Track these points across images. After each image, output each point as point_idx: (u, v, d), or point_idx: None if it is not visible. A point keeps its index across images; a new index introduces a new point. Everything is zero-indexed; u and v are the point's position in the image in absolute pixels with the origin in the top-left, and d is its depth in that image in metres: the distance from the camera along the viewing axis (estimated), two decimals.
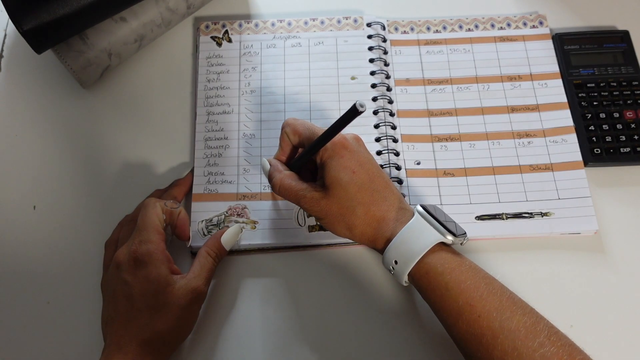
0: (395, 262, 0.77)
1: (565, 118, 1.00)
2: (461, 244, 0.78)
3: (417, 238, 0.76)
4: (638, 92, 1.02)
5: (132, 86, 1.06)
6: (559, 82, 1.04)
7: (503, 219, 0.93)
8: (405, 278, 0.78)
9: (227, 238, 0.88)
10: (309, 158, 0.84)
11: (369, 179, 0.80)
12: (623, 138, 0.99)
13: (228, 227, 0.91)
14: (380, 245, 0.81)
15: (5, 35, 1.11)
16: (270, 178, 0.85)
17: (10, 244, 0.94)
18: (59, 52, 0.95)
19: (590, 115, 1.00)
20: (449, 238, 0.75)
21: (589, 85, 1.03)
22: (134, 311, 0.77)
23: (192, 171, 0.97)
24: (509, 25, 1.08)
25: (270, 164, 0.87)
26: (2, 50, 1.09)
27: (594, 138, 0.99)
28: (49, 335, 0.88)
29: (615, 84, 1.03)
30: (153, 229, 0.82)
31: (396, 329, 0.88)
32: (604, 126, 1.00)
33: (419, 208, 0.79)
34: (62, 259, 0.93)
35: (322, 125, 0.84)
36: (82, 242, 0.94)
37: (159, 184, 0.97)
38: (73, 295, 0.90)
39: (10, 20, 0.86)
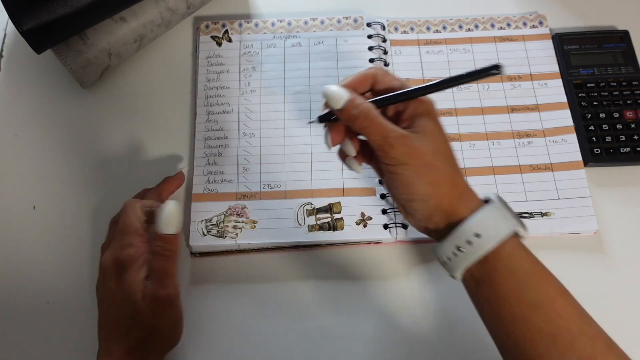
0: (468, 243, 0.68)
1: (565, 118, 1.01)
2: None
3: (498, 221, 0.69)
4: (638, 92, 1.02)
5: (132, 86, 1.06)
6: (559, 82, 1.04)
7: None
8: (471, 262, 0.69)
9: (168, 224, 0.78)
10: (400, 101, 0.74)
11: (453, 155, 0.73)
12: (623, 138, 0.99)
13: (226, 226, 0.92)
14: (444, 222, 0.71)
15: (5, 35, 1.11)
16: (352, 105, 0.70)
17: (10, 244, 0.94)
18: (59, 52, 0.95)
19: (590, 115, 1.00)
20: (523, 231, 0.70)
21: (588, 85, 1.03)
22: (119, 317, 0.77)
23: (184, 171, 0.97)
24: (508, 25, 1.09)
25: (347, 91, 0.72)
26: (2, 50, 1.09)
27: (593, 138, 0.99)
28: (49, 335, 0.88)
29: (615, 84, 1.03)
30: (134, 231, 0.79)
31: (396, 327, 0.88)
32: (603, 126, 1.00)
33: (494, 196, 0.73)
34: (62, 259, 0.93)
35: None
36: (82, 242, 0.94)
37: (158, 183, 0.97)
38: (73, 295, 0.90)
39: (10, 20, 0.86)
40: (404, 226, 0.92)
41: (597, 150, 0.98)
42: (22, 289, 0.91)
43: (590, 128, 1.00)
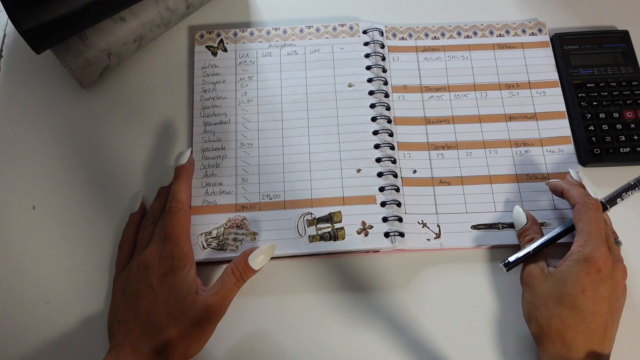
0: None
1: (562, 128, 1.00)
2: None
3: None
4: (638, 92, 1.02)
5: (132, 86, 1.06)
6: (558, 90, 1.03)
7: (499, 229, 0.93)
8: None
9: (256, 259, 0.86)
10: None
11: (590, 310, 0.77)
12: (623, 138, 0.99)
13: (226, 239, 0.92)
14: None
15: (4, 35, 1.10)
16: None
17: (10, 244, 0.95)
18: (59, 52, 0.95)
19: (589, 115, 1.00)
20: None
21: (588, 85, 1.02)
22: (153, 315, 0.78)
23: (188, 153, 0.95)
24: (507, 32, 1.07)
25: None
26: (2, 50, 1.09)
27: (593, 138, 0.99)
28: (49, 335, 0.89)
29: (614, 84, 1.02)
30: (186, 237, 0.84)
31: (398, 336, 0.89)
32: (603, 126, 1.00)
33: None
34: (62, 259, 0.94)
35: None
36: (82, 242, 0.95)
37: (158, 183, 0.97)
38: (73, 295, 0.91)
39: (9, 20, 0.86)
40: (402, 234, 0.92)
41: (596, 151, 0.98)
42: (22, 289, 0.92)
43: (590, 128, 1.00)
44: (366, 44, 1.06)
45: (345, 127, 1.00)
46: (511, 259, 0.86)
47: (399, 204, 0.94)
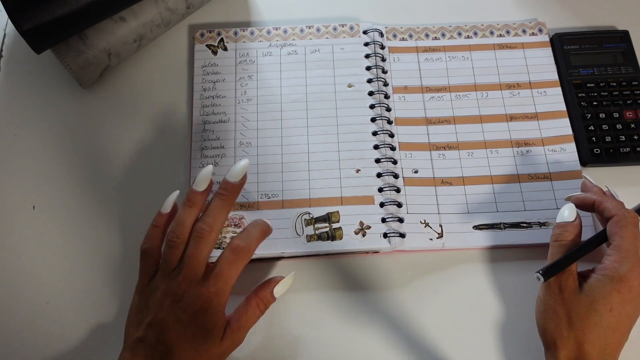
0: None
1: (564, 127, 1.00)
2: None
3: None
4: (638, 92, 1.02)
5: (132, 86, 1.06)
6: (558, 90, 1.03)
7: (501, 229, 0.93)
8: None
9: (280, 289, 0.85)
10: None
11: (613, 327, 0.76)
12: (623, 138, 0.99)
13: (224, 237, 0.92)
14: None
15: (4, 35, 1.10)
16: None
17: (10, 244, 0.95)
18: (59, 52, 0.95)
19: (589, 115, 1.00)
20: None
21: (588, 85, 1.02)
22: (179, 348, 0.76)
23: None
24: (508, 32, 1.07)
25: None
26: (2, 50, 1.09)
27: (593, 138, 0.99)
28: (49, 335, 0.89)
29: (615, 84, 1.02)
30: (231, 284, 0.80)
31: (398, 336, 0.88)
32: (603, 126, 1.00)
33: None
34: (62, 259, 0.94)
35: None
36: (82, 242, 0.95)
37: (157, 183, 0.98)
38: (73, 295, 0.91)
39: (9, 20, 0.86)
40: (402, 235, 0.92)
41: (596, 151, 0.98)
42: (22, 289, 0.92)
43: (590, 128, 0.99)
44: (366, 44, 1.06)
45: (345, 127, 1.00)
46: (549, 267, 0.79)
47: (399, 205, 0.94)
